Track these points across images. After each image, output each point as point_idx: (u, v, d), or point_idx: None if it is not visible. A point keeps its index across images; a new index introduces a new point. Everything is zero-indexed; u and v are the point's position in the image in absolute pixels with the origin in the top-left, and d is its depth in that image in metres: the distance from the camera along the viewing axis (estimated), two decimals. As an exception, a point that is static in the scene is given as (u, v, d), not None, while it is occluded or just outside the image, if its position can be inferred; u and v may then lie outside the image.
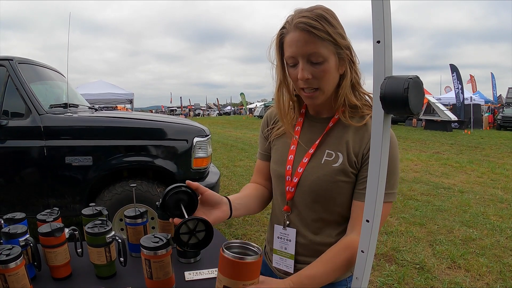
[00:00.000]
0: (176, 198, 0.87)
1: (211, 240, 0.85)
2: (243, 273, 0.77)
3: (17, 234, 1.04)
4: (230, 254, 0.76)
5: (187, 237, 0.83)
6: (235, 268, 0.76)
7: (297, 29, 0.89)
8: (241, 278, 0.77)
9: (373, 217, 0.71)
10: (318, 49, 0.89)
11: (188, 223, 0.82)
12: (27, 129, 3.00)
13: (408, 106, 0.60)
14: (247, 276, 0.78)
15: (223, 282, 0.78)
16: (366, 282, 0.78)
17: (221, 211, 0.94)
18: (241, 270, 0.77)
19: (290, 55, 0.93)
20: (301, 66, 0.91)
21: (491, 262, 3.24)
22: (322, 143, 1.01)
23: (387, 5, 0.62)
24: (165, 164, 3.16)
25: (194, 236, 0.83)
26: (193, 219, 0.82)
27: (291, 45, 0.92)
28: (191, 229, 0.82)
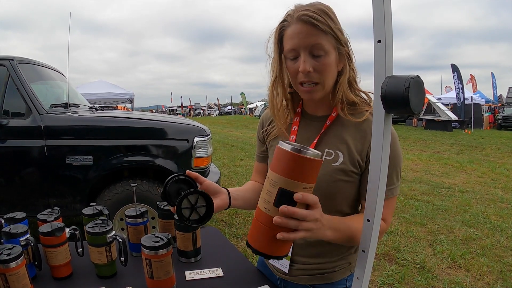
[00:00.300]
0: (176, 187, 0.88)
1: (212, 214, 0.84)
2: (305, 172, 0.68)
3: (17, 234, 1.04)
4: (293, 147, 0.67)
5: (188, 212, 0.82)
6: (296, 164, 0.67)
7: (300, 21, 0.89)
8: (302, 179, 0.68)
9: (374, 216, 0.71)
10: (321, 41, 0.89)
11: (189, 197, 0.81)
12: (27, 128, 3.01)
13: (409, 106, 0.60)
14: (308, 177, 0.68)
15: (279, 184, 0.68)
16: (366, 281, 0.78)
17: (220, 200, 0.95)
18: (303, 167, 0.67)
19: (292, 47, 0.92)
20: (303, 58, 0.90)
21: (491, 262, 3.24)
22: (320, 142, 1.01)
23: (388, 5, 0.62)
24: (166, 163, 3.16)
25: (195, 211, 0.83)
26: (194, 193, 0.81)
27: (293, 37, 0.91)
28: (192, 204, 0.82)
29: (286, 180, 0.67)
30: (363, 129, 0.97)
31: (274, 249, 0.73)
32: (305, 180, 0.68)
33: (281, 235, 0.69)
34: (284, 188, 0.68)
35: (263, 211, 0.71)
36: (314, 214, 0.70)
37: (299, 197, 0.67)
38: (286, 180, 0.67)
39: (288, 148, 0.68)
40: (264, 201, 0.71)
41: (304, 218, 0.68)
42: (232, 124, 25.62)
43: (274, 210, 0.69)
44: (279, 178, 0.68)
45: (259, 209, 0.72)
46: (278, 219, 0.68)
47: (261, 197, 0.73)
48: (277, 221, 0.68)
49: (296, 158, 0.67)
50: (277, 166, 0.69)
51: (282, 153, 0.69)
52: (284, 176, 0.68)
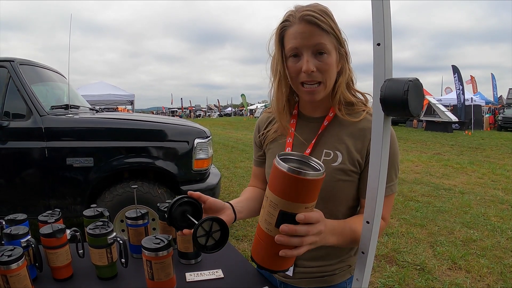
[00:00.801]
0: (181, 210, 0.87)
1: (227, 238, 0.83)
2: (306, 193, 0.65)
3: (18, 235, 1.04)
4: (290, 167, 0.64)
5: (204, 239, 0.81)
6: (296, 186, 0.64)
7: (303, 21, 0.89)
8: (303, 200, 0.65)
9: (373, 218, 0.72)
10: (324, 41, 0.90)
11: (203, 225, 0.80)
12: (28, 130, 3.01)
13: (408, 109, 0.61)
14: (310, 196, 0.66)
15: (279, 206, 0.66)
16: (366, 283, 0.78)
17: (226, 215, 0.94)
18: (303, 189, 0.64)
19: (294, 46, 0.91)
20: (306, 58, 0.90)
21: (491, 263, 3.24)
22: (318, 142, 1.01)
23: (387, 8, 0.63)
24: (166, 165, 3.16)
25: (211, 237, 0.82)
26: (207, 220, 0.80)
27: (295, 37, 0.91)
28: (207, 230, 0.81)
29: (286, 202, 0.65)
30: (361, 128, 0.97)
31: (278, 264, 0.73)
32: (307, 200, 0.66)
33: (283, 252, 0.68)
34: (285, 211, 0.66)
35: (265, 231, 0.70)
36: (316, 227, 0.70)
37: (301, 218, 0.66)
38: (287, 203, 0.65)
39: (285, 169, 0.64)
40: (265, 221, 0.70)
41: (307, 234, 0.68)
42: (232, 125, 25.62)
43: (276, 231, 0.68)
44: (279, 201, 0.66)
45: (261, 229, 0.72)
46: (280, 237, 0.67)
47: (261, 216, 0.71)
48: (279, 240, 0.67)
49: (295, 180, 0.64)
50: (275, 187, 0.66)
51: (280, 174, 0.65)
52: (284, 198, 0.65)
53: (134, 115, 4.58)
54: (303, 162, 0.72)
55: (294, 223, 0.66)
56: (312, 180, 0.64)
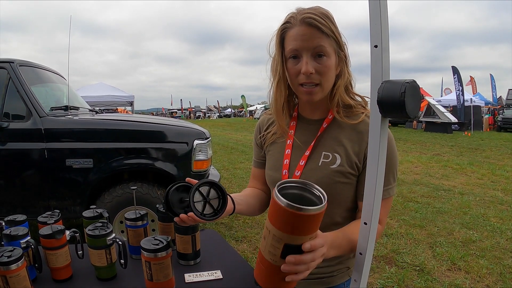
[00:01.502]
0: (178, 196, 0.86)
1: (226, 205, 0.82)
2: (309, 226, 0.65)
3: (18, 236, 1.04)
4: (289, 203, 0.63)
5: (201, 205, 0.79)
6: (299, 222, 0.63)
7: (303, 23, 0.90)
8: (306, 233, 0.65)
9: (371, 220, 0.72)
10: (324, 44, 0.91)
11: (200, 189, 0.78)
12: (28, 131, 3.01)
13: (405, 110, 0.61)
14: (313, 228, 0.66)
15: (283, 240, 0.65)
16: (364, 284, 0.78)
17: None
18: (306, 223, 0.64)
19: (294, 48, 0.92)
20: (305, 60, 0.91)
21: (491, 264, 3.24)
22: (317, 144, 1.01)
23: (385, 10, 0.63)
24: (166, 166, 3.17)
25: (208, 204, 0.80)
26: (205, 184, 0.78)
27: (296, 39, 0.92)
28: (204, 196, 0.79)
29: (290, 236, 0.65)
30: (359, 131, 0.98)
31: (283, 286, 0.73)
32: (311, 232, 0.66)
33: (290, 278, 0.69)
34: (290, 244, 0.66)
35: (269, 262, 0.70)
36: (321, 251, 0.71)
37: (307, 247, 0.67)
38: (291, 237, 0.65)
39: (284, 204, 0.63)
40: (270, 253, 0.69)
41: (313, 260, 0.69)
42: (232, 126, 25.62)
43: (281, 261, 0.68)
44: (283, 235, 0.65)
45: (264, 258, 0.71)
46: (287, 267, 0.67)
47: (264, 247, 0.70)
48: (285, 269, 0.67)
49: (297, 216, 0.63)
50: (277, 222, 0.66)
51: (280, 209, 0.64)
52: (287, 233, 0.65)
53: (134, 116, 4.59)
54: (304, 190, 0.71)
55: (299, 252, 0.67)
56: (314, 215, 0.64)
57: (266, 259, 0.70)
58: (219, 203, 0.82)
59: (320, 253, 0.71)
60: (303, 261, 0.67)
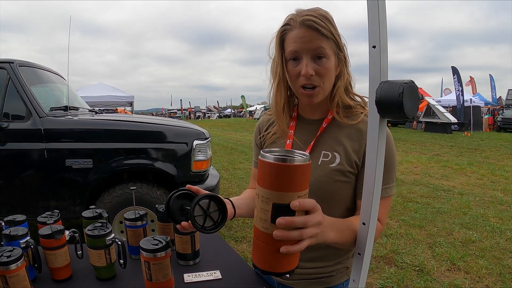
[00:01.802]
0: (179, 203, 0.86)
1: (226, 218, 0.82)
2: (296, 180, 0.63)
3: (18, 236, 1.04)
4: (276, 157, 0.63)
5: (202, 219, 0.79)
6: (284, 175, 0.63)
7: (303, 25, 0.91)
8: (294, 188, 0.63)
9: (369, 220, 0.72)
10: (323, 45, 0.91)
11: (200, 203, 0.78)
12: (27, 131, 3.02)
13: (403, 111, 0.61)
14: (301, 184, 0.64)
15: (271, 200, 0.64)
16: (363, 284, 0.78)
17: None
18: (292, 176, 0.63)
19: (294, 50, 0.93)
20: (305, 62, 0.92)
21: (490, 264, 3.24)
22: (317, 144, 1.02)
23: (383, 10, 0.63)
24: (165, 167, 3.17)
25: (209, 217, 0.80)
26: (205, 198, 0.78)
27: (295, 41, 0.92)
28: (205, 209, 0.79)
29: (278, 194, 0.63)
30: (358, 129, 0.98)
31: (283, 265, 0.68)
32: (298, 188, 0.64)
33: (284, 248, 0.65)
34: (278, 203, 0.64)
35: (262, 231, 0.67)
36: (315, 217, 0.67)
37: (296, 205, 0.63)
38: (278, 194, 0.63)
39: (271, 159, 0.63)
40: (261, 219, 0.67)
41: (305, 225, 0.65)
42: (232, 127, 25.62)
43: (273, 227, 0.65)
44: (270, 194, 0.64)
45: (257, 229, 0.69)
46: (278, 232, 0.64)
47: (256, 216, 0.69)
48: (277, 235, 0.64)
49: (283, 169, 0.62)
50: (265, 181, 0.65)
51: (266, 166, 0.64)
52: (275, 190, 0.64)
53: (134, 116, 4.59)
54: (288, 152, 0.70)
55: (290, 213, 0.64)
56: (299, 166, 0.63)
57: (258, 229, 0.68)
58: (219, 216, 0.82)
59: (313, 219, 0.66)
60: (294, 222, 0.64)
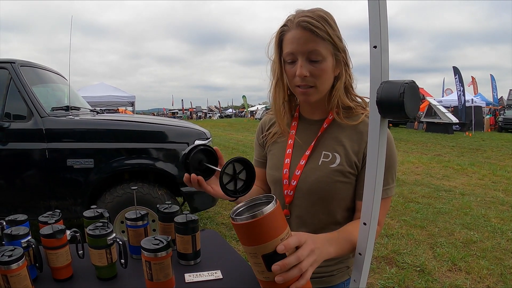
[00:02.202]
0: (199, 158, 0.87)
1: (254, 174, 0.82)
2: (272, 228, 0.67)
3: (19, 236, 1.05)
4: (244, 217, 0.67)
5: (232, 184, 0.79)
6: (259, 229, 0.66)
7: (299, 27, 0.91)
8: (274, 235, 0.67)
9: (370, 220, 0.72)
10: (318, 47, 0.91)
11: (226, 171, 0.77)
12: (29, 131, 3.02)
13: (404, 111, 0.61)
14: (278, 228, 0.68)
15: (259, 253, 0.67)
16: (363, 284, 0.78)
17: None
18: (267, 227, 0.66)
19: (290, 51, 0.94)
20: (300, 63, 0.93)
21: (492, 264, 3.24)
22: (317, 144, 1.02)
23: (384, 11, 0.63)
24: (166, 167, 3.17)
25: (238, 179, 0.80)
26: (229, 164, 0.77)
27: (292, 42, 0.93)
28: (232, 174, 0.78)
29: (262, 246, 0.67)
30: (359, 130, 0.99)
31: None
32: (278, 233, 0.67)
33: (294, 286, 0.68)
34: (266, 253, 0.67)
35: (265, 281, 0.71)
36: (305, 249, 0.69)
37: (282, 249, 0.66)
38: (263, 246, 0.67)
39: (241, 221, 0.67)
40: (259, 272, 0.71)
41: (299, 260, 0.68)
42: (233, 127, 25.62)
43: (273, 274, 0.68)
44: (256, 249, 0.67)
45: (261, 281, 0.72)
46: (279, 277, 0.67)
47: (254, 270, 0.72)
48: (279, 280, 0.67)
49: (255, 225, 0.66)
50: (245, 240, 0.69)
51: (240, 227, 0.68)
52: (258, 244, 0.67)
53: (135, 116, 4.60)
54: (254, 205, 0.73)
55: (282, 257, 0.67)
56: (270, 214, 0.66)
57: (260, 279, 0.72)
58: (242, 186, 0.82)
59: (305, 251, 0.69)
60: (288, 264, 0.66)
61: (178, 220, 1.14)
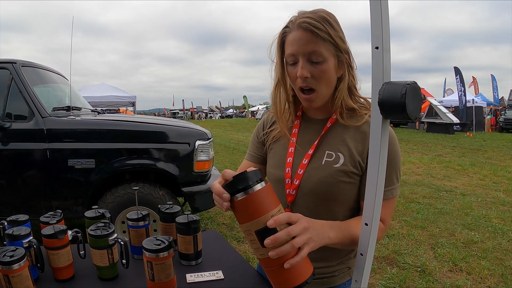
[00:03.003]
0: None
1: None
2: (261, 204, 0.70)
3: (20, 236, 1.05)
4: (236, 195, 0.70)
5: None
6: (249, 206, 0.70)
7: (300, 28, 0.91)
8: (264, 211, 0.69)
9: (372, 221, 0.72)
10: (319, 48, 0.91)
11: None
12: (30, 131, 3.03)
13: (405, 112, 0.61)
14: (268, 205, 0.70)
15: (252, 229, 0.70)
16: (365, 284, 0.78)
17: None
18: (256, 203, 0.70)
19: (291, 53, 0.94)
20: (301, 64, 0.92)
21: (492, 265, 3.24)
22: (321, 143, 1.02)
23: (386, 12, 0.63)
24: (167, 167, 3.17)
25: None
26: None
27: (293, 43, 0.93)
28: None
29: (254, 222, 0.69)
30: (363, 130, 0.98)
31: (297, 277, 0.72)
32: (269, 209, 0.70)
33: (287, 263, 0.69)
34: (258, 229, 0.69)
35: (262, 258, 0.73)
36: (297, 226, 0.71)
37: (271, 223, 0.68)
38: (255, 222, 0.69)
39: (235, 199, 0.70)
40: (256, 250, 0.72)
41: (290, 235, 0.69)
42: (234, 127, 25.63)
43: (267, 250, 0.70)
44: (249, 225, 0.70)
45: (259, 259, 0.74)
46: (272, 252, 0.69)
47: (252, 250, 0.74)
48: (272, 255, 0.69)
49: (244, 202, 0.69)
50: (240, 218, 0.72)
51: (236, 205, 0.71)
52: (250, 220, 0.70)
53: (136, 116, 4.60)
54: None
55: (274, 233, 0.69)
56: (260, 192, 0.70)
57: (258, 258, 0.74)
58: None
59: (298, 227, 0.71)
60: (278, 238, 0.68)
61: (180, 221, 1.14)
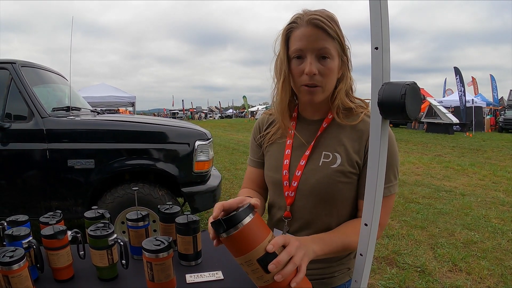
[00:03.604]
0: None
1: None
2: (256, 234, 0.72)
3: (20, 236, 1.05)
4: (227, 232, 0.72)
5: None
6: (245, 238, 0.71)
7: (310, 24, 0.91)
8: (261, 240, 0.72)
9: (371, 221, 0.72)
10: (328, 46, 0.91)
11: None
12: (29, 132, 3.02)
13: (405, 112, 0.61)
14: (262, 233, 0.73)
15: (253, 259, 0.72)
16: (365, 284, 0.78)
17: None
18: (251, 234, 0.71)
19: (299, 48, 0.93)
20: (310, 61, 0.92)
21: (492, 265, 3.24)
22: (317, 144, 1.02)
23: (385, 12, 0.63)
24: (167, 167, 3.17)
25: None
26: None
27: (301, 39, 0.93)
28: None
29: (252, 252, 0.71)
30: (359, 129, 0.98)
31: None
32: (264, 236, 0.72)
33: (293, 282, 0.72)
34: (259, 257, 0.71)
35: (267, 285, 0.74)
36: (292, 245, 0.74)
37: (271, 248, 0.71)
38: (253, 252, 0.71)
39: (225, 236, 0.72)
40: (258, 279, 0.74)
41: (291, 254, 0.72)
42: (233, 127, 25.62)
43: (270, 276, 0.72)
44: (249, 256, 0.72)
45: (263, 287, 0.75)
46: (277, 276, 0.71)
47: (253, 280, 0.75)
48: (278, 278, 0.71)
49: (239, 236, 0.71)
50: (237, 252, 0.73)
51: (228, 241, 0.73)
52: (249, 251, 0.71)
53: (136, 117, 4.60)
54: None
55: (274, 257, 0.71)
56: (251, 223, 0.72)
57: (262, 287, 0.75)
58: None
59: (293, 247, 0.74)
60: (281, 260, 0.71)
61: (179, 221, 1.14)
